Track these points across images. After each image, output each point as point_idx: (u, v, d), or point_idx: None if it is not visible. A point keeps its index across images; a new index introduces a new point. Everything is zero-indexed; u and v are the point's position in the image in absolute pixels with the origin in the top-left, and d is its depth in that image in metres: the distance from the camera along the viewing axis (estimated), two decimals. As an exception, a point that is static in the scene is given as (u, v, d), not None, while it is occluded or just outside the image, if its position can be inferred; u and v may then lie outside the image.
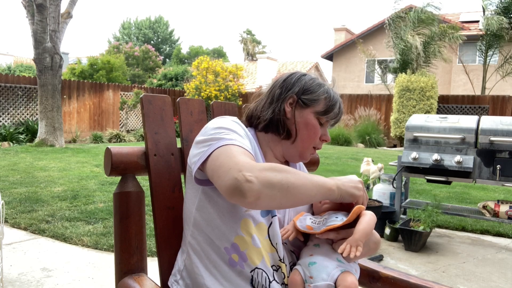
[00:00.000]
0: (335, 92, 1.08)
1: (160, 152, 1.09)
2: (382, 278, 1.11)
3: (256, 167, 0.80)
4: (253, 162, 0.82)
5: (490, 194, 5.55)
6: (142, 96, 1.11)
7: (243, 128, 0.99)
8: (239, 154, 0.83)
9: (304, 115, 1.03)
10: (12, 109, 10.62)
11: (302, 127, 1.03)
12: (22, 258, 2.80)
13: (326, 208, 1.01)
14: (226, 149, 0.85)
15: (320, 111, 1.04)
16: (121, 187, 1.05)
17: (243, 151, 0.86)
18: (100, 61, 16.14)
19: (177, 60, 29.65)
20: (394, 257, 3.09)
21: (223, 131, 0.91)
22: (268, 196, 0.78)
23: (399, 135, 12.26)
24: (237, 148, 0.86)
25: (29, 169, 5.98)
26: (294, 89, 1.04)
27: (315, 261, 0.92)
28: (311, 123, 1.03)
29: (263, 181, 0.78)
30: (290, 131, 1.04)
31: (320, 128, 1.05)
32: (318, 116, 1.04)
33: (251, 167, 0.79)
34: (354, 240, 0.89)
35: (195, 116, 1.20)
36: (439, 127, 3.39)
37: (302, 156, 1.07)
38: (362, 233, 0.90)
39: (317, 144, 1.07)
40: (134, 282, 1.00)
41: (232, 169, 0.79)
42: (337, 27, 23.28)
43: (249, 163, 0.81)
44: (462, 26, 16.66)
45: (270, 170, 0.80)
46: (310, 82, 1.05)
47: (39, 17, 8.59)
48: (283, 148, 1.06)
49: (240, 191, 0.76)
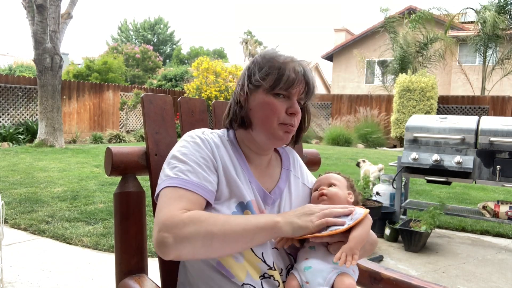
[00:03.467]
0: (287, 58, 0.97)
1: (161, 152, 1.09)
2: (384, 280, 1.11)
3: (176, 223, 0.82)
4: (175, 216, 0.83)
5: (490, 194, 5.55)
6: (143, 96, 1.10)
7: (204, 142, 0.96)
8: (169, 203, 0.86)
9: (257, 97, 0.97)
10: (12, 109, 10.62)
11: (258, 109, 0.97)
12: (22, 258, 2.80)
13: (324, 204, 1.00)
14: (165, 193, 0.89)
15: (270, 86, 0.95)
16: (122, 187, 1.05)
17: (178, 195, 0.87)
18: (95, 63, 16.06)
19: (177, 61, 29.65)
20: (394, 257, 3.09)
21: (175, 163, 0.92)
22: (189, 252, 0.82)
23: (399, 135, 12.26)
24: (175, 192, 0.88)
25: (29, 170, 5.98)
26: (245, 75, 0.99)
27: (310, 265, 0.90)
28: (264, 101, 0.96)
29: (181, 240, 0.81)
30: (249, 118, 0.98)
31: (285, 101, 0.96)
32: (270, 92, 0.95)
33: (171, 224, 0.82)
34: (349, 248, 0.86)
35: (196, 115, 1.20)
36: (439, 127, 3.39)
37: (274, 137, 0.97)
38: (357, 240, 0.87)
39: (283, 119, 0.96)
40: (135, 283, 0.99)
41: (156, 225, 0.84)
42: (337, 28, 23.30)
43: (170, 219, 0.83)
44: (462, 26, 16.68)
45: (190, 225, 0.82)
46: (259, 61, 0.98)
47: (39, 17, 8.59)
48: (255, 139, 1.00)
49: (161, 251, 0.82)
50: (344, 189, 1.04)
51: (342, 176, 1.08)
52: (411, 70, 13.27)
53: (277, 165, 1.09)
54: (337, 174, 1.09)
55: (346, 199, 1.02)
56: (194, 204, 0.87)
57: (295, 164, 1.14)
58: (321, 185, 1.05)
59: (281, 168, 1.09)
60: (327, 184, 1.04)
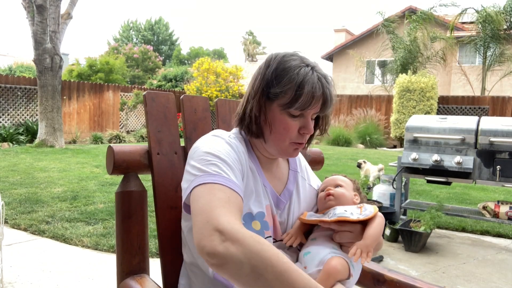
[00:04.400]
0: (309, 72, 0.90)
1: (163, 150, 1.08)
2: (387, 281, 1.10)
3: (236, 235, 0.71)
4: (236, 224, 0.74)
5: (490, 194, 5.55)
6: (145, 94, 1.09)
7: (233, 147, 0.92)
8: (221, 204, 0.77)
9: (271, 111, 0.91)
10: (12, 109, 10.61)
11: (271, 125, 0.92)
12: (22, 258, 2.80)
13: (331, 204, 1.02)
14: (208, 191, 0.80)
15: (286, 103, 0.89)
16: (123, 186, 1.04)
17: (226, 197, 0.79)
18: (99, 62, 16.11)
19: (177, 61, 29.65)
20: (394, 257, 3.09)
21: (211, 159, 0.86)
22: (233, 268, 0.71)
23: (399, 135, 12.26)
24: (221, 192, 0.80)
25: (29, 170, 5.97)
26: (260, 83, 0.92)
27: (310, 251, 0.92)
28: (278, 119, 0.91)
29: (233, 255, 0.70)
30: (261, 130, 0.94)
31: (299, 120, 0.92)
32: (285, 110, 0.90)
33: (230, 233, 0.72)
34: (365, 245, 0.87)
35: (199, 113, 1.18)
36: (439, 127, 3.39)
37: (284, 153, 0.96)
38: (373, 238, 0.88)
39: (295, 138, 0.93)
40: (136, 284, 0.98)
41: (209, 223, 0.74)
42: (337, 28, 23.30)
43: (230, 222, 0.73)
44: (462, 27, 16.68)
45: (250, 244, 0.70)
46: (278, 68, 0.91)
47: (39, 18, 8.58)
48: (266, 148, 0.97)
49: (209, 252, 0.72)
50: (351, 190, 1.05)
51: (348, 179, 1.09)
52: (411, 70, 13.27)
53: (284, 166, 1.09)
54: (343, 176, 1.10)
55: (352, 200, 1.03)
56: (240, 211, 0.81)
57: (301, 165, 1.13)
58: (328, 186, 1.06)
59: (288, 170, 1.09)
60: (334, 185, 1.06)
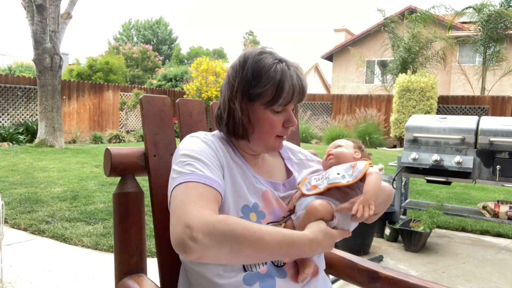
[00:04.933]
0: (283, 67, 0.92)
1: (160, 152, 1.09)
2: (382, 278, 1.11)
3: (205, 225, 0.76)
4: (203, 216, 0.77)
5: (490, 194, 5.55)
6: (141, 97, 1.11)
7: (208, 143, 0.95)
8: (192, 200, 0.81)
9: (254, 110, 0.94)
10: (12, 109, 10.62)
11: (255, 124, 0.94)
12: (22, 258, 2.80)
13: (331, 163, 1.05)
14: (182, 190, 0.83)
15: (268, 101, 0.92)
16: (121, 188, 1.05)
17: (199, 193, 0.83)
18: (99, 62, 16.12)
19: (177, 61, 29.67)
20: (394, 257, 3.09)
21: (186, 159, 0.89)
22: (214, 256, 0.76)
23: (399, 135, 12.27)
24: (194, 189, 0.83)
25: (29, 170, 5.98)
26: (241, 84, 0.93)
27: (299, 200, 0.97)
28: (262, 117, 0.94)
29: (208, 243, 0.75)
30: (246, 131, 0.96)
31: (282, 114, 0.95)
32: (268, 107, 0.93)
33: (198, 224, 0.76)
34: (365, 200, 0.90)
35: (194, 117, 1.20)
36: (439, 127, 3.39)
37: (270, 148, 0.99)
38: (372, 193, 0.91)
39: (280, 132, 0.97)
40: (134, 283, 0.99)
41: (180, 222, 0.77)
42: (337, 28, 23.31)
43: (198, 218, 0.77)
44: (461, 26, 16.68)
45: (221, 228, 0.76)
46: (254, 68, 0.92)
47: (38, 17, 8.59)
48: (250, 148, 1.00)
49: (184, 250, 0.76)
50: (351, 149, 1.08)
51: (350, 140, 1.12)
52: (411, 70, 13.27)
53: (277, 158, 1.11)
54: (344, 139, 1.13)
55: (352, 156, 1.06)
56: (215, 202, 0.85)
57: (292, 150, 1.17)
58: (329, 148, 1.10)
59: (283, 160, 1.12)
60: (334, 147, 1.10)
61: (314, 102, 15.09)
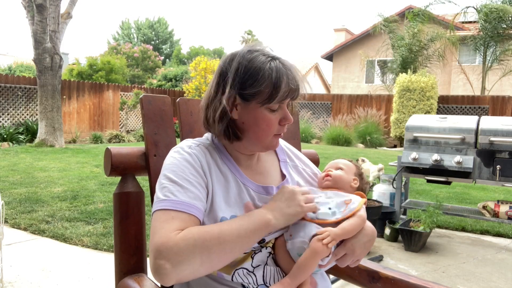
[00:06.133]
0: (278, 65, 0.91)
1: (160, 152, 1.09)
2: (382, 279, 1.11)
3: (171, 248, 0.79)
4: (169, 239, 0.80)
5: (490, 194, 5.55)
6: (141, 97, 1.11)
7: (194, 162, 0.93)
8: (162, 226, 0.83)
9: (250, 110, 0.92)
10: (12, 109, 10.62)
11: (252, 124, 0.93)
12: (22, 258, 2.80)
13: (327, 185, 1.03)
14: (155, 217, 0.86)
15: (265, 100, 0.90)
16: (121, 188, 1.05)
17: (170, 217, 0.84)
18: (100, 62, 16.13)
19: (177, 61, 29.65)
20: (394, 257, 3.09)
21: (164, 182, 0.90)
22: (190, 273, 0.80)
23: (399, 135, 12.27)
24: (165, 215, 0.84)
25: (29, 170, 5.98)
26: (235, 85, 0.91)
27: (298, 223, 0.95)
28: (259, 116, 0.92)
29: (178, 263, 0.78)
30: (241, 132, 0.94)
31: (277, 112, 0.94)
32: (265, 106, 0.91)
33: (165, 250, 0.79)
34: (334, 233, 0.90)
35: (194, 116, 1.20)
36: (439, 127, 3.39)
37: (267, 147, 0.98)
38: (344, 231, 0.91)
39: (277, 131, 0.96)
40: (134, 283, 0.99)
41: (151, 252, 0.81)
42: (337, 28, 23.31)
43: (164, 244, 0.79)
44: (462, 26, 16.68)
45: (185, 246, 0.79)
46: (248, 68, 0.90)
47: (39, 17, 8.59)
48: (246, 148, 0.98)
49: (161, 278, 0.79)
50: (351, 174, 1.05)
51: (353, 163, 1.09)
52: (411, 69, 13.27)
53: (273, 159, 1.09)
54: (348, 160, 1.10)
55: (350, 183, 1.04)
56: (187, 223, 0.85)
57: (289, 153, 1.14)
58: (329, 167, 1.08)
59: (278, 162, 1.09)
60: (335, 167, 1.07)
61: (314, 102, 15.08)
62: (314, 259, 0.88)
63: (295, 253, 0.92)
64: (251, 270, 0.91)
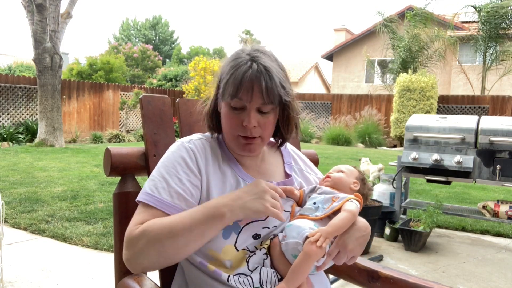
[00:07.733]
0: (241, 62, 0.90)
1: (160, 152, 1.09)
2: (382, 278, 1.11)
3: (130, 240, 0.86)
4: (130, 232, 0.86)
5: (490, 194, 5.55)
6: (141, 97, 1.11)
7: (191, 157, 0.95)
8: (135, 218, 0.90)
9: (222, 105, 0.97)
10: (12, 109, 10.62)
11: (222, 118, 0.98)
12: (22, 258, 2.80)
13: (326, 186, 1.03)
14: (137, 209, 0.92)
15: (222, 95, 0.93)
16: (121, 188, 1.06)
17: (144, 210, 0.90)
18: (99, 61, 16.13)
19: (177, 60, 29.65)
20: (394, 257, 3.09)
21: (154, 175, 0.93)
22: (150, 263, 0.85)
23: (399, 135, 12.26)
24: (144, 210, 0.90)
25: (29, 169, 5.98)
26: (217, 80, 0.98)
27: (292, 223, 0.95)
28: (224, 111, 0.95)
29: (137, 255, 0.85)
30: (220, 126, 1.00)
31: (243, 113, 0.92)
32: (224, 101, 0.94)
33: (127, 242, 0.86)
34: (326, 232, 0.89)
35: (194, 116, 1.20)
36: (439, 127, 3.39)
37: (237, 148, 0.97)
38: (334, 228, 0.90)
39: (242, 132, 0.93)
40: (134, 282, 0.99)
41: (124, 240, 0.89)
42: (337, 28, 23.30)
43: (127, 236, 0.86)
44: (462, 26, 16.68)
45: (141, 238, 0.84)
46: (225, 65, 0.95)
47: (38, 17, 8.59)
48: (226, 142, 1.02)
49: (129, 267, 0.88)
50: (351, 177, 1.06)
51: (356, 169, 1.10)
52: (411, 69, 13.27)
53: (277, 161, 1.09)
54: (351, 167, 1.11)
55: (350, 186, 1.04)
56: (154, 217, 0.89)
57: (295, 157, 1.15)
58: (332, 170, 1.09)
59: (283, 164, 1.10)
60: (337, 171, 1.08)
61: (314, 102, 15.08)
62: (308, 262, 0.87)
63: (290, 254, 0.91)
64: (248, 274, 0.90)
